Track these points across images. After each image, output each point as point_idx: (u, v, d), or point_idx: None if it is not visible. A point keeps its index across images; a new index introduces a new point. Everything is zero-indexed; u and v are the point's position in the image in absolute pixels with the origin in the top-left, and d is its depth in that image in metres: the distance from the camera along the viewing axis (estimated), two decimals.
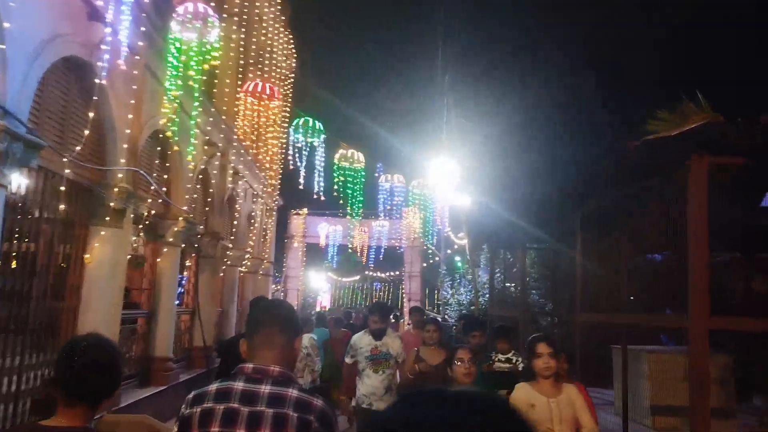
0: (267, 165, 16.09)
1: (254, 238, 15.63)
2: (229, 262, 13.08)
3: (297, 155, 10.78)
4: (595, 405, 6.11)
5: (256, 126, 10.36)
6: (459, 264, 22.40)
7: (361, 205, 12.40)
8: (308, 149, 10.24)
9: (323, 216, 22.49)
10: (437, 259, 23.13)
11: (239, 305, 14.76)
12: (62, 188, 5.63)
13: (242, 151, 12.91)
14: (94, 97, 5.57)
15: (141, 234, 8.15)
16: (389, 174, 14.74)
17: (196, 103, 9.42)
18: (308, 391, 2.00)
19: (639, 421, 8.19)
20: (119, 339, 7.72)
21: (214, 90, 10.71)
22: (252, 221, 15.30)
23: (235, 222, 13.33)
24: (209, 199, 11.12)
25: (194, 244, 10.76)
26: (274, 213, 18.59)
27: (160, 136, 7.87)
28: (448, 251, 21.82)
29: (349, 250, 22.04)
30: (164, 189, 8.58)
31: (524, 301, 9.94)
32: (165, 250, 8.92)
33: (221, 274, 13.02)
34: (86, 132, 5.80)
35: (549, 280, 12.96)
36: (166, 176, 8.69)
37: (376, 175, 14.37)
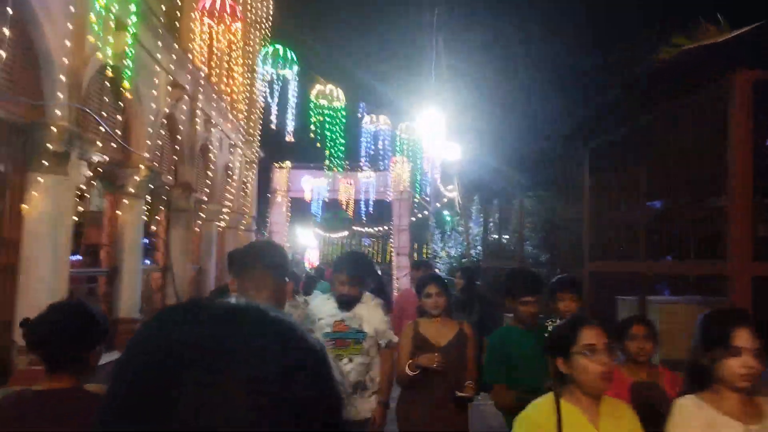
0: (244, 114, 15.06)
1: (233, 191, 14.72)
2: (205, 217, 12.22)
3: (268, 91, 9.60)
4: None
5: (218, 57, 9.24)
6: (448, 218, 21.63)
7: (342, 151, 11.26)
8: (280, 83, 9.08)
9: (307, 169, 21.50)
10: (426, 212, 22.38)
11: (218, 262, 13.97)
12: None
13: (214, 96, 11.88)
14: (8, 10, 4.56)
15: (95, 183, 7.25)
16: (373, 115, 13.40)
17: (159, 41, 8.40)
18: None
19: None
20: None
21: (177, 24, 9.60)
22: (230, 173, 14.36)
23: (210, 174, 12.39)
24: (177, 147, 10.17)
25: (163, 196, 9.87)
26: (255, 165, 17.62)
27: (113, 73, 6.87)
28: (437, 204, 21.07)
29: (341, 206, 21.13)
30: (119, 133, 7.61)
31: (521, 251, 9.21)
32: (126, 202, 8.02)
33: (197, 229, 12.18)
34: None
35: (545, 229, 12.25)
36: (121, 118, 7.70)
37: (359, 115, 13.04)
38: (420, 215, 22.20)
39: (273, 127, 10.09)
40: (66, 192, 6.04)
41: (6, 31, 4.58)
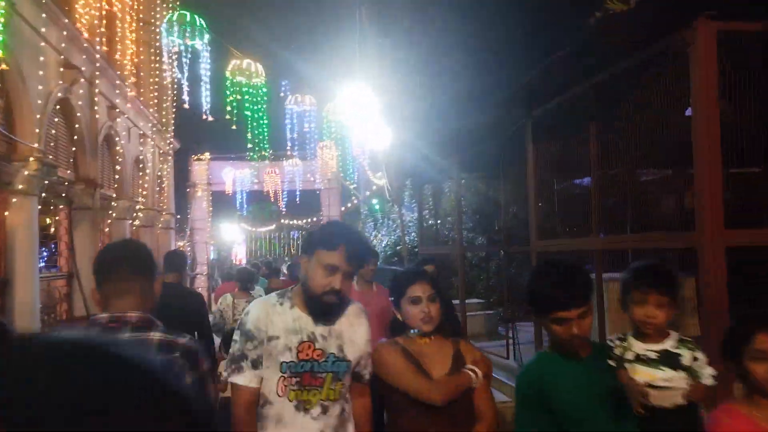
0: (153, 100, 13.87)
1: (147, 186, 13.56)
2: (114, 215, 11.08)
3: (176, 64, 8.57)
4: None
5: (115, 29, 8.15)
6: (376, 206, 21.10)
7: (266, 135, 10.31)
8: (189, 56, 8.08)
9: (228, 160, 20.36)
10: (355, 201, 21.79)
11: None
12: None
13: (117, 81, 10.73)
14: None
15: None
16: (298, 95, 12.45)
17: (43, 13, 7.30)
18: (173, 332, 1.87)
19: None
20: None
21: None
22: (141, 167, 13.18)
23: (118, 167, 11.24)
24: (76, 138, 9.03)
25: (62, 193, 8.74)
26: (170, 158, 16.41)
27: None
28: (367, 192, 20.51)
29: (267, 197, 20.08)
30: None
31: (460, 236, 8.78)
32: (14, 200, 6.93)
33: (106, 230, 11.03)
34: None
35: (482, 211, 11.92)
36: (1, 102, 6.60)
37: (281, 95, 12.07)
38: (350, 204, 21.58)
39: (186, 106, 9.02)
40: None
41: None
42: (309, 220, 31.63)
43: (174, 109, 15.74)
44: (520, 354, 7.18)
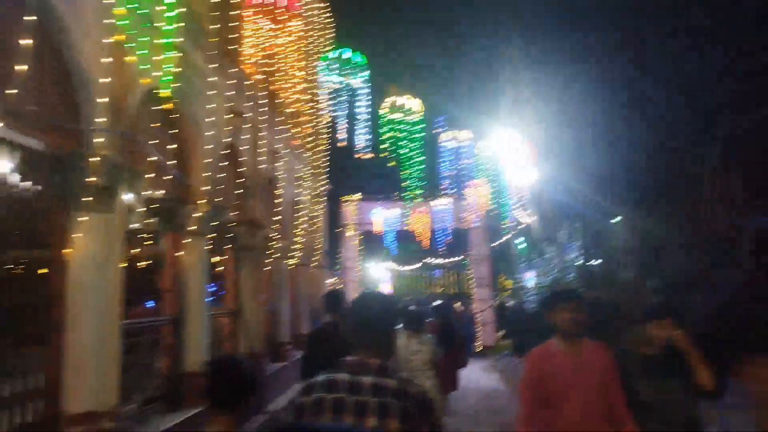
0: (309, 144, 14.36)
1: (303, 226, 13.95)
2: (275, 255, 11.41)
3: (333, 102, 8.55)
4: None
5: (276, 70, 8.31)
6: (523, 247, 19.97)
7: (422, 171, 9.95)
8: (348, 93, 8.03)
9: (377, 201, 20.58)
10: (504, 239, 20.88)
11: (291, 302, 13.11)
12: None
13: (278, 125, 11.18)
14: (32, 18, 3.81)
15: (149, 222, 6.49)
16: (454, 130, 11.99)
17: (212, 63, 7.71)
18: (405, 380, 2.07)
19: None
20: (129, 355, 6.08)
21: (234, 47, 8.93)
22: (298, 208, 13.60)
23: (279, 209, 11.63)
24: (241, 181, 9.41)
25: (228, 234, 9.10)
26: (323, 198, 16.88)
27: (162, 96, 6.15)
28: (512, 233, 19.57)
29: (414, 237, 19.94)
30: (174, 163, 6.86)
31: (640, 280, 7.73)
32: (187, 241, 7.23)
33: (268, 268, 11.38)
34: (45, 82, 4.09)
35: (640, 252, 10.63)
36: (174, 147, 6.96)
37: (436, 131, 11.66)
38: (499, 242, 20.71)
39: (342, 144, 9.00)
40: (113, 232, 5.24)
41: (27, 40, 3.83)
42: (452, 259, 31.11)
43: (327, 152, 16.24)
44: None
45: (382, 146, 9.23)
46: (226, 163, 9.00)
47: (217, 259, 9.07)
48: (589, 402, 3.14)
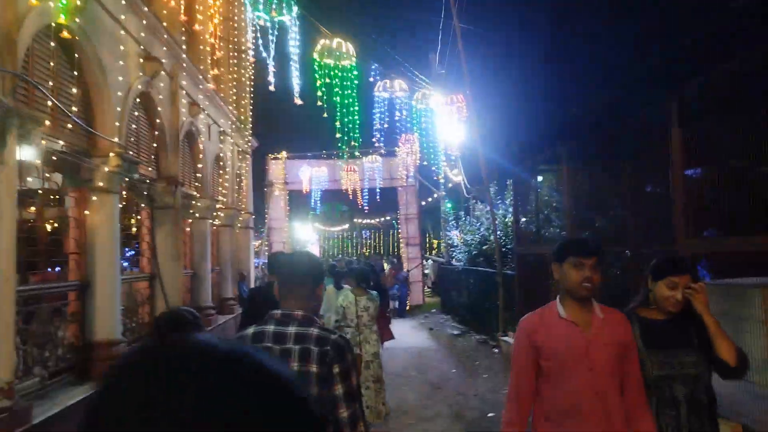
0: (232, 97, 13.55)
1: (226, 185, 13.25)
2: (196, 214, 10.75)
3: (260, 41, 7.87)
4: None
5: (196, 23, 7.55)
6: (449, 206, 20.04)
7: (356, 125, 9.37)
8: (276, 33, 7.40)
9: (305, 159, 19.96)
10: (435, 196, 20.91)
11: (215, 264, 12.51)
12: None
13: (199, 75, 10.36)
14: None
15: (49, 176, 5.78)
16: (388, 80, 11.43)
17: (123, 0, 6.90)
18: (327, 329, 2.29)
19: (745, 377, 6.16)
20: (28, 325, 5.45)
21: None
22: (221, 165, 12.87)
23: (200, 165, 10.90)
24: (158, 134, 8.66)
25: (143, 192, 8.39)
26: (249, 156, 16.13)
27: (62, 30, 5.37)
28: (441, 192, 19.60)
29: (344, 195, 19.56)
30: (76, 110, 6.10)
31: (572, 232, 7.73)
32: (94, 199, 6.53)
33: (187, 229, 10.71)
34: None
35: (603, 206, 10.67)
36: (78, 91, 6.18)
37: (371, 79, 11.09)
38: (430, 199, 20.69)
39: (272, 88, 8.36)
40: (3, 188, 4.55)
41: None
42: (381, 219, 31.02)
43: (252, 106, 15.44)
44: None
45: (315, 94, 8.57)
46: (140, 113, 8.22)
47: (132, 219, 8.37)
48: (598, 381, 2.43)
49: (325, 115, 8.52)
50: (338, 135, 9.16)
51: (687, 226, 5.20)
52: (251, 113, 15.48)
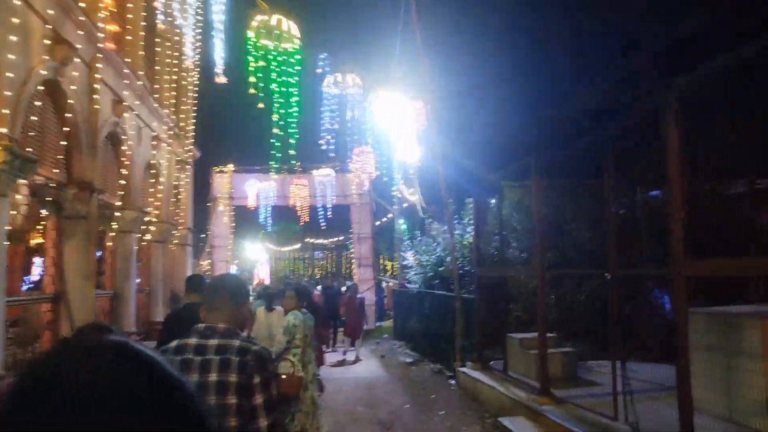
0: (169, 101, 12.36)
1: (160, 196, 11.99)
2: (117, 226, 9.48)
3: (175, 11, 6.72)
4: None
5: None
6: (404, 226, 19.20)
7: (295, 121, 8.19)
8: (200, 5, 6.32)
9: (253, 173, 18.75)
10: (389, 216, 20.03)
11: (145, 284, 11.20)
12: None
13: (126, 70, 9.19)
14: None
15: None
16: (338, 74, 10.18)
17: None
18: (250, 340, 2.33)
19: (738, 421, 5.39)
20: None
21: None
22: (154, 173, 11.62)
23: (125, 172, 9.66)
24: (67, 129, 7.44)
25: (47, 197, 7.15)
26: (189, 167, 14.85)
27: None
28: (393, 211, 18.75)
29: (294, 213, 18.39)
30: None
31: (542, 255, 6.91)
32: None
33: (109, 243, 9.43)
34: None
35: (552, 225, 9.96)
36: None
37: (318, 71, 9.88)
38: (385, 219, 19.76)
39: (219, 80, 7.15)
40: None
41: None
42: (334, 240, 29.87)
43: (194, 114, 14.26)
44: (635, 411, 5.25)
45: (250, 79, 7.36)
46: (45, 105, 7.02)
47: (31, 229, 7.09)
48: None
49: (261, 105, 7.39)
50: (275, 131, 7.99)
51: (686, 246, 4.39)
52: (193, 121, 14.30)
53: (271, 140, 7.82)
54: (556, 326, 9.14)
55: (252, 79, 7.06)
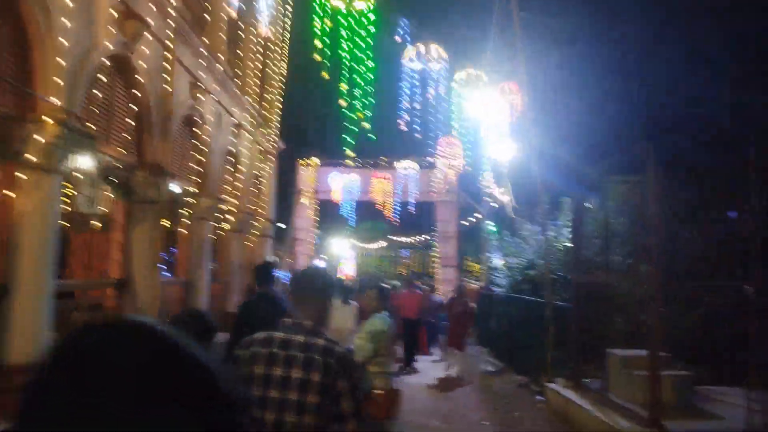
0: (254, 88, 12.07)
1: (239, 185, 11.72)
2: (192, 213, 9.19)
3: None
4: None
5: None
6: (494, 229, 18.05)
7: (369, 91, 7.15)
8: None
9: (337, 166, 18.33)
10: (477, 215, 18.98)
11: (222, 275, 10.98)
12: None
13: (205, 53, 8.87)
14: None
15: None
16: (420, 44, 8.86)
17: None
18: (333, 340, 2.30)
19: None
20: None
21: None
22: (233, 162, 11.36)
23: (202, 159, 9.38)
24: (137, 109, 7.14)
25: (114, 179, 6.87)
26: (272, 158, 14.60)
27: None
28: (481, 211, 17.67)
29: (378, 209, 17.78)
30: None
31: (658, 262, 5.76)
32: (25, 178, 5.00)
33: (183, 231, 9.18)
34: None
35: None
36: (6, 35, 4.68)
37: (397, 39, 8.71)
38: (471, 219, 18.73)
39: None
40: None
41: None
42: (417, 238, 28.99)
43: (279, 104, 13.97)
44: None
45: (316, 44, 6.49)
46: (115, 81, 6.74)
47: (98, 210, 6.82)
48: None
49: (327, 75, 6.61)
50: (343, 103, 7.16)
51: None
52: (278, 111, 14.02)
53: (342, 113, 6.97)
54: (672, 345, 7.88)
55: (317, 43, 6.34)
